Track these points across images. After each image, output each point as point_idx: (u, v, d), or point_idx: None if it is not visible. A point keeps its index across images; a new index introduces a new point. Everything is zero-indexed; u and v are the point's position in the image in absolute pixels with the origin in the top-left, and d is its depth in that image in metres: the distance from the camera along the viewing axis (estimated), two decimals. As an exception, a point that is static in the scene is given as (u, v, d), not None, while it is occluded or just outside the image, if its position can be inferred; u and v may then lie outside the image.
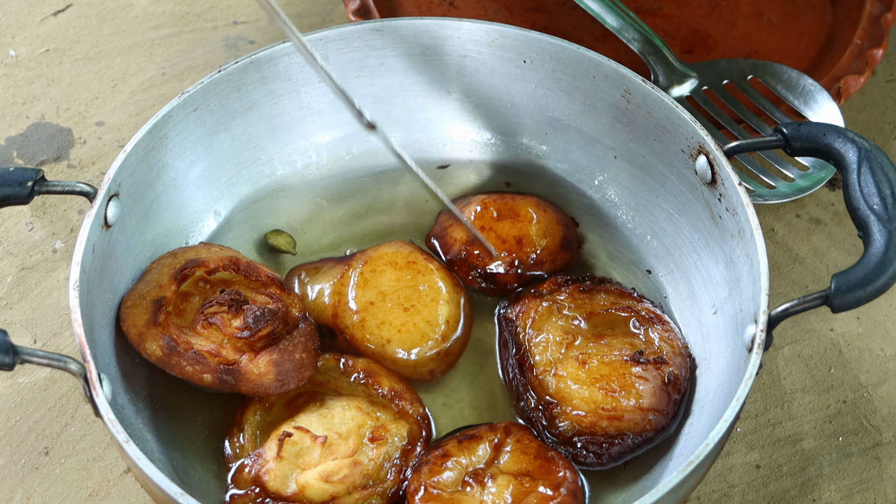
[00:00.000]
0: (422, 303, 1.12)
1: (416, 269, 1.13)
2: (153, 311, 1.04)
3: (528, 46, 1.18)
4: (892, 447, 1.13)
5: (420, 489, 1.00)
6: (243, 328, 1.03)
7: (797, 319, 1.20)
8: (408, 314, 1.11)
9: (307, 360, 1.05)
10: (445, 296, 1.13)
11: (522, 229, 1.16)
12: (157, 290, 1.05)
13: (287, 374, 1.04)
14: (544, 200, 1.20)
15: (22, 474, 1.11)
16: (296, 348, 1.05)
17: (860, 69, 1.29)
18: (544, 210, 1.18)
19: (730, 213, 1.07)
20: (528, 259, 1.15)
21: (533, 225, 1.16)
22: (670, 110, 1.12)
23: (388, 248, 1.15)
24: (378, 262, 1.14)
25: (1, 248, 1.24)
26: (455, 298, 1.13)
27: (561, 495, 1.00)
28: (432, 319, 1.11)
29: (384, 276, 1.13)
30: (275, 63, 1.17)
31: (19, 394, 1.15)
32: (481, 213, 1.17)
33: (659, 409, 1.06)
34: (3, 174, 1.01)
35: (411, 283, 1.12)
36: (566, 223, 1.19)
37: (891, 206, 1.00)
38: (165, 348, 1.02)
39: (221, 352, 1.03)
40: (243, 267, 1.09)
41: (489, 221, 1.16)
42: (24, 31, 1.42)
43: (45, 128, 1.34)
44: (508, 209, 1.17)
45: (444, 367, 1.12)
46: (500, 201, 1.18)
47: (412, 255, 1.14)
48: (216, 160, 1.17)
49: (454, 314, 1.12)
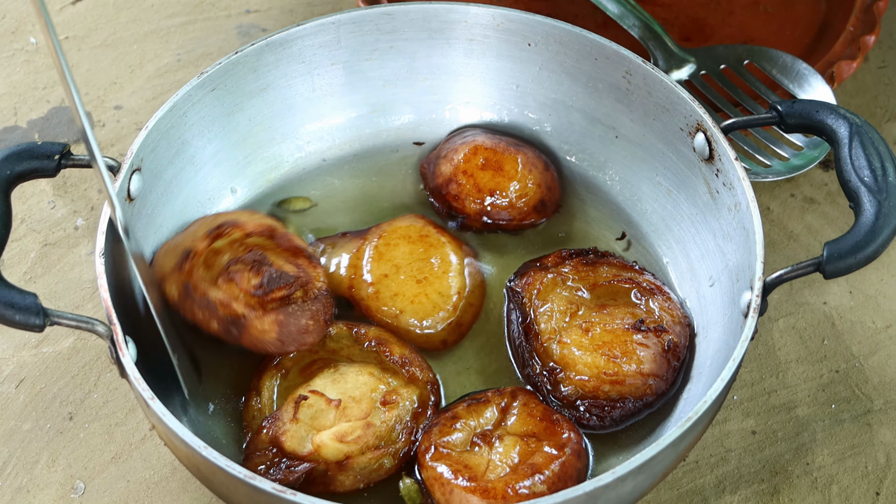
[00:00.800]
0: (434, 275, 1.16)
1: (429, 242, 1.18)
2: (181, 259, 1.08)
3: (532, 30, 1.22)
4: (882, 414, 1.17)
5: (430, 448, 1.05)
6: (258, 287, 1.08)
7: (792, 293, 1.25)
8: (420, 286, 1.16)
9: (312, 327, 1.10)
10: (456, 268, 1.17)
11: (501, 184, 1.21)
12: (190, 241, 1.10)
13: (289, 336, 1.08)
14: (537, 157, 1.24)
15: (47, 438, 1.15)
16: (304, 315, 1.09)
17: (853, 55, 1.34)
18: (529, 170, 1.22)
19: (727, 188, 1.12)
20: (496, 212, 1.21)
21: (511, 182, 1.21)
22: (669, 90, 1.16)
23: (401, 223, 1.19)
24: (392, 235, 1.18)
25: (25, 226, 1.29)
26: (465, 270, 1.18)
27: (565, 454, 1.04)
28: (444, 291, 1.16)
29: (398, 249, 1.17)
30: (289, 45, 1.21)
31: (44, 362, 1.19)
32: (468, 158, 1.22)
33: (659, 375, 1.10)
34: (32, 148, 1.06)
35: (424, 255, 1.17)
36: (550, 185, 1.23)
37: (880, 178, 1.04)
38: (182, 292, 1.07)
39: (232, 304, 1.07)
40: (278, 235, 1.13)
41: (473, 167, 1.21)
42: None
43: (65, 111, 1.38)
44: (495, 161, 1.22)
45: (455, 337, 1.16)
46: (490, 150, 1.22)
47: (425, 228, 1.19)
48: (232, 139, 1.22)
49: (465, 286, 1.17)
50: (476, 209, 1.21)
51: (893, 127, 1.38)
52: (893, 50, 1.45)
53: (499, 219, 1.21)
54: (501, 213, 1.21)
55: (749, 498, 1.12)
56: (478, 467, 1.03)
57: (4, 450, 1.14)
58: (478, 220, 1.22)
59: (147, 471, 1.13)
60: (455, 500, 1.02)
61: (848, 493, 1.12)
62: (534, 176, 1.22)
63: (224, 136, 1.21)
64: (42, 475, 1.13)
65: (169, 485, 1.12)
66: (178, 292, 1.08)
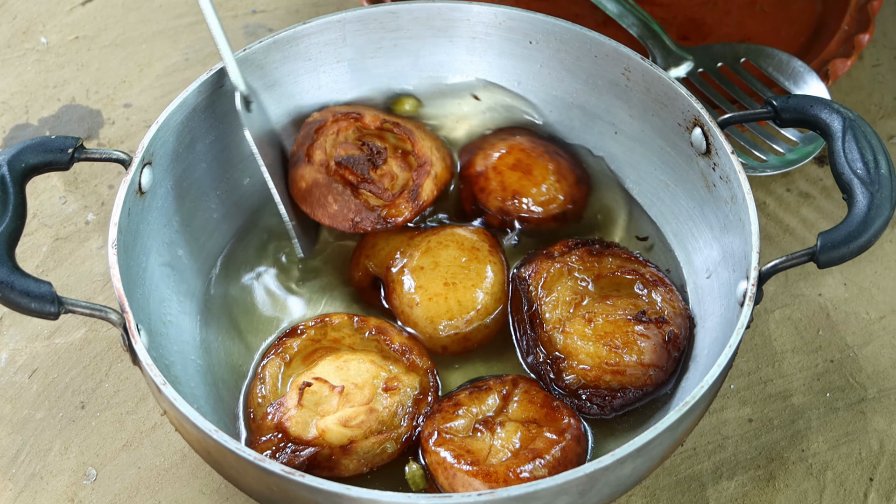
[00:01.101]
0: (463, 284, 1.17)
1: (476, 255, 1.19)
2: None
3: (533, 28, 1.25)
4: (876, 402, 1.20)
5: (434, 434, 1.07)
6: (339, 155, 1.21)
7: (787, 285, 1.27)
8: (446, 288, 1.17)
9: (332, 211, 1.19)
10: (489, 287, 1.17)
11: (525, 187, 1.23)
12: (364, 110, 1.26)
13: (310, 198, 1.20)
14: (571, 169, 1.25)
15: (60, 426, 1.18)
16: (337, 201, 1.19)
17: (847, 53, 1.36)
18: (557, 179, 1.24)
19: (723, 181, 1.14)
20: (515, 213, 1.23)
21: (536, 187, 1.23)
22: (667, 86, 1.19)
23: (463, 231, 1.21)
24: (449, 238, 1.20)
25: (36, 221, 1.32)
26: (496, 292, 1.18)
27: (566, 440, 1.07)
28: (465, 302, 1.16)
29: (446, 250, 1.19)
30: (296, 43, 1.24)
31: (56, 353, 1.22)
32: (502, 157, 1.24)
33: (659, 365, 1.12)
34: (46, 142, 1.08)
35: (465, 264, 1.18)
36: (576, 199, 1.25)
37: (873, 170, 1.07)
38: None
39: (316, 151, 1.22)
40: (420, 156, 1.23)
41: (503, 166, 1.24)
42: (54, 20, 1.50)
43: (76, 109, 1.41)
44: (526, 164, 1.24)
45: (458, 349, 1.17)
46: (524, 153, 1.24)
47: (480, 242, 1.20)
48: (240, 134, 1.24)
49: (487, 307, 1.17)
50: (497, 206, 1.23)
51: (888, 123, 1.40)
52: (887, 48, 1.48)
53: (517, 220, 1.24)
54: (520, 215, 1.23)
55: (745, 484, 1.15)
56: (480, 452, 1.06)
57: (18, 438, 1.17)
58: (497, 217, 1.24)
59: (157, 458, 1.16)
60: (458, 483, 1.04)
61: (842, 479, 1.15)
62: (561, 187, 1.24)
63: (233, 132, 1.24)
64: (55, 462, 1.15)
65: (179, 471, 1.15)
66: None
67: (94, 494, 1.13)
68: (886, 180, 1.06)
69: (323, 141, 1.21)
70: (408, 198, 1.20)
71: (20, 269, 1.01)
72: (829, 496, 1.14)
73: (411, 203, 1.20)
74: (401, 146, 1.23)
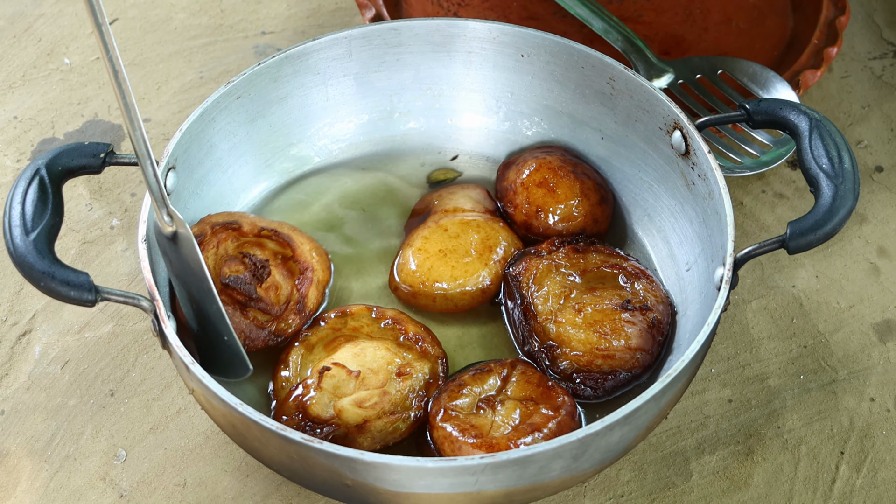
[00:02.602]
0: (463, 259, 1.27)
1: (487, 231, 1.29)
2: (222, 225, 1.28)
3: (525, 42, 1.34)
4: (846, 383, 1.29)
5: (440, 411, 1.16)
6: (225, 276, 1.23)
7: (763, 277, 1.37)
8: (444, 258, 1.27)
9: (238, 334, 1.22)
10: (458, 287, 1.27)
11: (548, 204, 1.30)
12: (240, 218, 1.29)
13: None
14: (596, 189, 1.31)
15: (91, 412, 1.26)
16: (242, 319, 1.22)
17: (817, 65, 1.45)
18: (579, 199, 1.30)
19: (701, 179, 1.24)
20: (536, 227, 1.31)
21: (559, 205, 1.30)
22: (649, 93, 1.28)
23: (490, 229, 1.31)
24: (468, 224, 1.30)
25: (65, 226, 1.40)
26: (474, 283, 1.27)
27: (561, 415, 1.15)
28: (449, 275, 1.27)
29: (470, 227, 1.29)
30: (306, 58, 1.33)
31: (86, 346, 1.31)
32: (531, 174, 1.31)
33: (645, 349, 1.21)
34: (80, 147, 1.17)
35: (467, 240, 1.28)
36: (597, 219, 1.31)
37: (837, 164, 1.16)
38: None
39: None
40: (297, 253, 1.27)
41: (531, 182, 1.31)
42: (76, 42, 1.60)
43: (99, 124, 1.51)
44: (552, 183, 1.30)
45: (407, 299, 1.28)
46: (552, 171, 1.31)
47: (491, 235, 1.30)
48: (255, 143, 1.34)
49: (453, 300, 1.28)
50: (522, 219, 1.31)
51: (855, 130, 1.50)
52: (855, 61, 1.57)
53: (539, 233, 1.31)
54: (542, 229, 1.31)
55: (726, 458, 1.24)
56: (483, 426, 1.15)
57: (53, 423, 1.26)
58: (522, 229, 1.32)
59: (182, 439, 1.24)
60: (463, 455, 1.13)
61: (815, 453, 1.24)
62: (582, 206, 1.30)
63: (248, 140, 1.33)
64: (87, 445, 1.24)
65: (202, 451, 1.24)
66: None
67: (124, 473, 1.22)
68: (849, 174, 1.15)
69: (205, 257, 1.23)
70: (295, 309, 1.24)
71: (60, 261, 1.09)
72: (804, 468, 1.23)
73: (299, 315, 1.24)
74: (280, 252, 1.26)
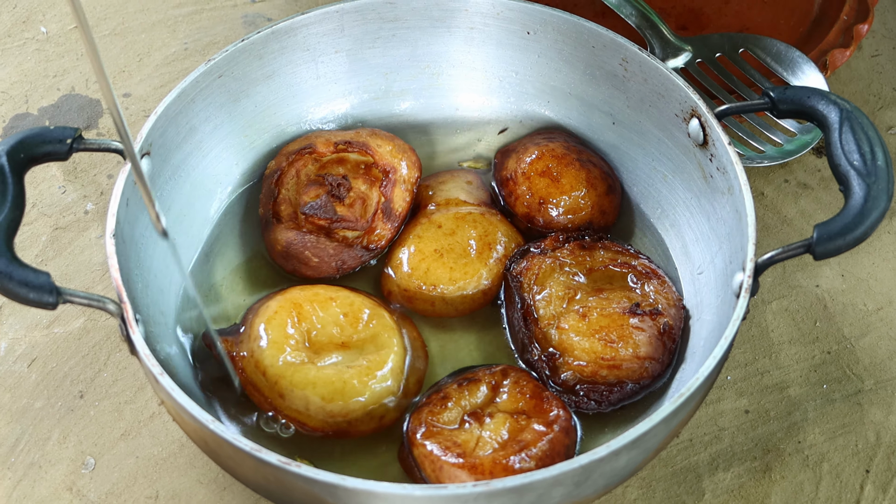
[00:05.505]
0: (460, 260, 1.19)
1: (485, 225, 1.22)
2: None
3: (531, 18, 1.25)
4: (872, 394, 1.20)
5: (421, 427, 1.07)
6: (304, 204, 1.22)
7: (785, 276, 1.28)
8: (440, 258, 1.19)
9: (314, 265, 1.19)
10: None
11: (552, 195, 1.22)
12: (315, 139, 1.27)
13: (289, 258, 1.20)
14: (603, 178, 1.24)
15: (59, 416, 1.18)
16: (317, 249, 1.19)
17: (846, 43, 1.37)
18: (586, 189, 1.22)
19: (720, 172, 1.15)
20: (540, 219, 1.23)
21: (563, 196, 1.22)
22: (665, 77, 1.19)
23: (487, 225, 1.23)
24: (468, 218, 1.23)
25: (36, 210, 1.32)
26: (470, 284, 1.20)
27: (554, 431, 1.06)
28: (437, 279, 1.19)
29: (466, 221, 1.22)
30: (294, 34, 1.24)
31: (55, 343, 1.23)
32: (533, 162, 1.23)
33: (655, 358, 1.13)
34: (45, 132, 1.08)
35: (464, 237, 1.20)
36: (605, 210, 1.23)
37: (870, 162, 1.07)
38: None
39: (281, 206, 1.24)
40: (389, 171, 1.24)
41: (533, 171, 1.23)
42: (53, 9, 1.50)
43: (76, 99, 1.42)
44: (556, 171, 1.23)
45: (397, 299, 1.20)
46: (555, 159, 1.23)
47: (489, 235, 1.22)
48: (239, 125, 1.25)
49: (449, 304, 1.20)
50: (524, 211, 1.23)
51: (886, 114, 1.40)
52: (886, 38, 1.48)
53: (541, 227, 1.23)
54: (545, 222, 1.23)
55: (742, 475, 1.15)
56: (467, 444, 1.06)
57: (17, 427, 1.17)
58: (523, 222, 1.24)
59: (155, 447, 1.16)
60: (444, 476, 1.04)
61: (838, 471, 1.15)
62: (589, 196, 1.23)
63: (231, 122, 1.24)
64: (53, 451, 1.16)
65: (177, 461, 1.15)
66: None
67: (92, 483, 1.14)
68: (883, 172, 1.06)
69: (286, 192, 1.22)
70: (382, 217, 1.20)
71: (18, 260, 1.01)
72: (826, 488, 1.14)
73: (388, 222, 1.20)
74: (362, 161, 1.23)
